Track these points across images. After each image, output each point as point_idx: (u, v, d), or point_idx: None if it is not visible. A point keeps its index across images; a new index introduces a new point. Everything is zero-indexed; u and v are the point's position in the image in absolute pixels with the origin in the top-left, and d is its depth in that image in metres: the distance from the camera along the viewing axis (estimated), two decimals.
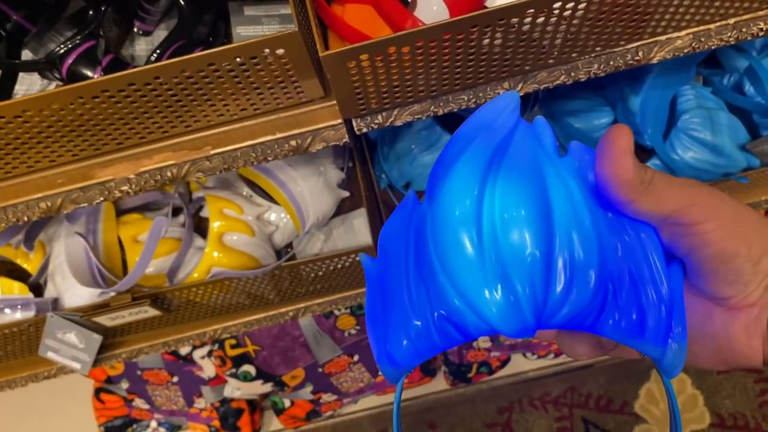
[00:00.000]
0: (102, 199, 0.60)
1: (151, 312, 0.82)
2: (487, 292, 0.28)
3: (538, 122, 0.32)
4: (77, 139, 0.56)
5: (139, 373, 1.12)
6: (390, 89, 0.53)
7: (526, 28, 0.50)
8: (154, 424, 1.26)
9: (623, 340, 0.29)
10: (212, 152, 0.58)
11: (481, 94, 0.58)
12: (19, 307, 0.86)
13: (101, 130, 0.55)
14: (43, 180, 0.59)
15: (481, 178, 0.29)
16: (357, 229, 0.92)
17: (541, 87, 0.58)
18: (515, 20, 0.48)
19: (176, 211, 0.92)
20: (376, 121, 0.58)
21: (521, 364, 1.28)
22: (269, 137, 0.58)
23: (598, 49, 0.56)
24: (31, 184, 0.59)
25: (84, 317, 0.80)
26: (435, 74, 0.53)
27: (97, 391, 1.20)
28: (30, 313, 0.85)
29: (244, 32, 0.59)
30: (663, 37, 0.57)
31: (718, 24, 0.57)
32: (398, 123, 0.59)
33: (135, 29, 0.63)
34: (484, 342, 1.13)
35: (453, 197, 0.29)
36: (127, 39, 0.65)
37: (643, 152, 0.85)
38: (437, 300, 0.29)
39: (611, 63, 0.57)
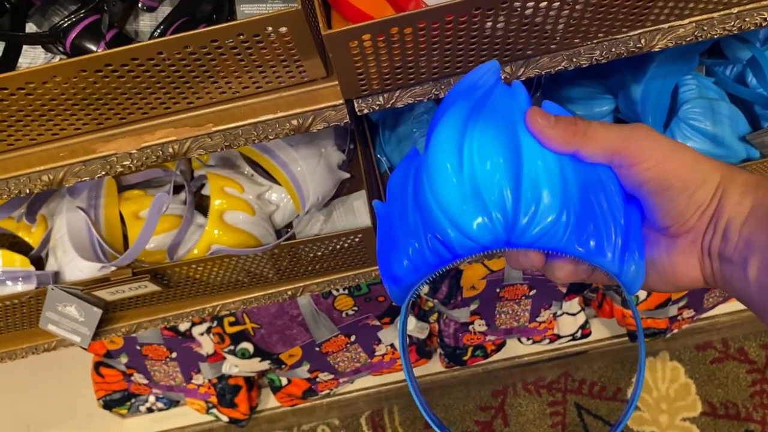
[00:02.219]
0: (104, 173, 0.60)
1: (151, 287, 0.82)
2: (466, 212, 0.34)
3: (515, 84, 0.39)
4: (80, 112, 0.56)
5: (138, 348, 1.13)
6: (392, 70, 0.54)
7: (528, 12, 0.50)
8: (152, 398, 1.28)
9: (587, 258, 0.35)
10: (214, 129, 0.59)
11: None
12: (20, 279, 0.87)
13: (104, 104, 0.55)
14: (45, 153, 0.60)
15: (462, 124, 0.36)
16: (357, 211, 0.92)
17: (543, 72, 0.58)
18: (518, 4, 0.48)
19: (178, 189, 0.93)
20: (378, 103, 0.58)
21: (516, 348, 1.30)
22: (270, 116, 0.58)
23: (600, 35, 0.56)
24: (33, 157, 0.60)
25: (84, 291, 0.81)
26: (437, 56, 0.53)
27: (97, 365, 1.21)
28: (31, 286, 0.85)
29: (248, 10, 0.59)
30: (666, 25, 0.57)
31: (721, 13, 0.57)
32: (399, 105, 0.59)
33: (139, 5, 0.62)
34: (480, 326, 1.14)
35: (440, 140, 0.36)
36: (131, 14, 0.65)
37: None
38: (429, 224, 0.35)
39: (613, 50, 0.57)
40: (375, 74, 0.54)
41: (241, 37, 0.49)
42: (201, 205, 0.93)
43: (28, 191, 0.61)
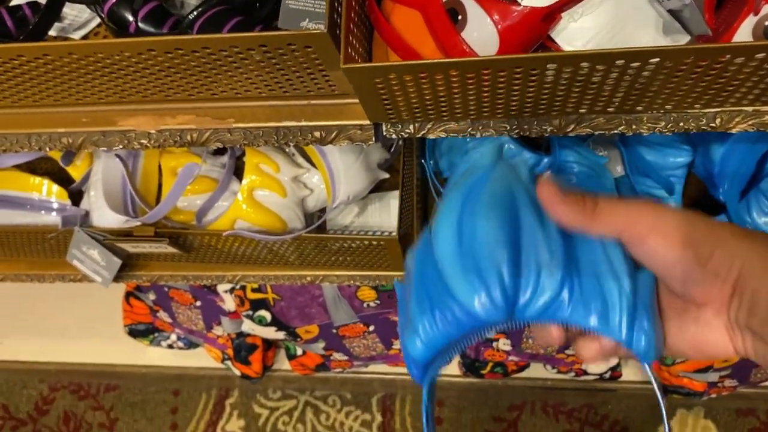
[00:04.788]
0: (121, 147, 0.59)
1: (170, 249, 0.82)
2: (467, 290, 0.35)
3: (517, 161, 0.42)
4: (107, 83, 0.54)
5: (165, 289, 1.16)
6: (422, 106, 0.49)
7: (583, 72, 0.44)
8: (174, 336, 1.31)
9: (594, 329, 0.35)
10: (234, 125, 0.56)
11: (526, 126, 0.52)
12: (54, 211, 0.89)
13: (131, 79, 0.53)
14: (68, 115, 0.59)
15: (461, 206, 0.37)
16: (393, 210, 0.88)
17: (596, 132, 0.52)
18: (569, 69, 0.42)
19: (222, 150, 0.92)
20: (407, 131, 0.54)
21: (540, 371, 1.24)
22: (293, 123, 0.55)
23: (668, 107, 0.49)
24: (56, 117, 0.59)
25: (106, 240, 0.81)
26: (474, 101, 0.48)
27: (128, 295, 1.25)
28: (65, 215, 0.87)
29: (293, 5, 0.55)
30: (749, 108, 0.49)
31: None
32: (431, 137, 0.54)
33: None
34: (504, 345, 1.09)
35: (443, 223, 0.37)
36: None
37: (712, 206, 0.76)
38: (437, 302, 0.36)
39: (681, 124, 0.50)
40: (404, 107, 0.49)
41: (264, 48, 0.45)
42: (241, 171, 0.91)
43: (48, 149, 0.60)
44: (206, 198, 0.86)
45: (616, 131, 0.52)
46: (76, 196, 0.91)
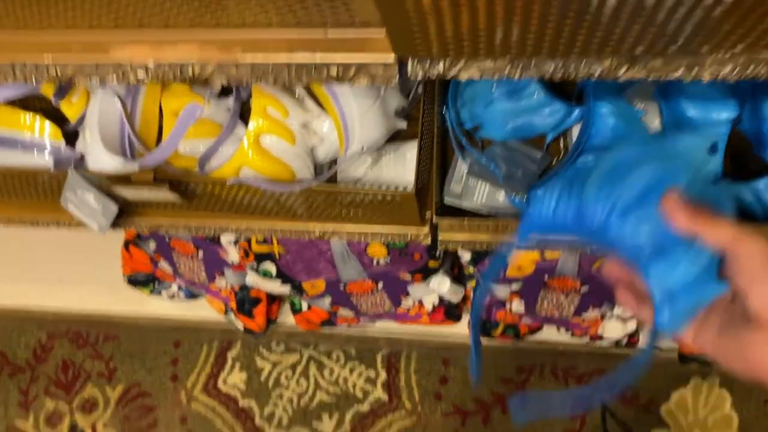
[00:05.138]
0: (115, 79, 0.53)
1: (170, 196, 0.77)
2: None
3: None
4: (97, 4, 0.48)
5: (166, 239, 1.11)
6: (456, 37, 0.43)
7: (650, 2, 0.37)
8: (175, 287, 1.27)
9: (647, 285, 0.42)
10: (241, 60, 0.50)
11: (572, 67, 0.46)
12: (47, 152, 0.83)
13: (125, 2, 0.47)
14: (57, 41, 0.52)
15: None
16: (408, 162, 0.82)
17: (650, 77, 0.46)
18: None
19: (228, 90, 0.86)
20: (437, 69, 0.47)
21: (553, 334, 1.20)
22: (308, 57, 0.49)
23: (738, 48, 0.42)
24: (43, 43, 0.53)
25: (102, 184, 0.76)
26: (518, 32, 0.42)
27: (127, 243, 1.20)
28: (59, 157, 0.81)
29: None
30: None
31: None
32: (463, 77, 0.48)
33: None
34: (517, 306, 1.05)
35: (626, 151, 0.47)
36: None
37: (758, 168, 0.70)
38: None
39: (751, 68, 0.44)
40: (435, 38, 0.43)
41: None
42: (247, 115, 0.85)
43: (34, 81, 0.54)
44: (209, 143, 0.80)
45: (674, 75, 0.45)
46: (72, 138, 0.85)
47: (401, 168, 0.83)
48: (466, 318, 1.19)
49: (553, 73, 0.47)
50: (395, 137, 0.81)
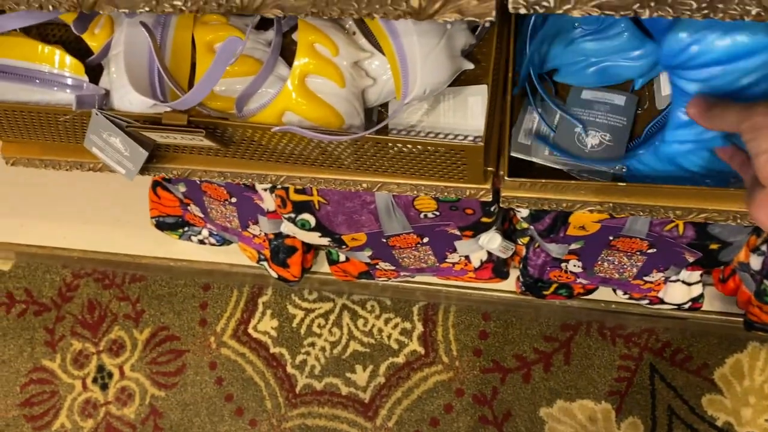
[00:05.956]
0: (147, 8, 0.44)
1: (206, 143, 0.69)
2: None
3: None
4: None
5: (198, 182, 1.03)
6: None
7: None
8: (205, 232, 1.21)
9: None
10: None
11: (720, 5, 0.36)
12: (69, 88, 0.75)
13: None
14: None
15: None
16: (470, 108, 0.73)
17: None
18: None
19: (267, 23, 0.76)
20: (545, 3, 0.38)
21: (607, 294, 1.13)
22: None
23: None
24: None
25: (129, 127, 0.68)
26: None
27: (155, 185, 1.13)
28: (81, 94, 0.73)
29: None
30: None
31: None
32: (576, 14, 0.38)
33: None
34: (574, 266, 0.97)
35: None
36: None
37: None
38: None
39: None
40: None
41: None
42: (290, 50, 0.75)
43: (51, 8, 0.46)
44: (248, 82, 0.71)
45: None
46: (96, 72, 0.77)
47: (461, 115, 0.74)
48: (514, 274, 1.12)
49: (695, 11, 0.37)
50: (456, 80, 0.72)
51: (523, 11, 0.39)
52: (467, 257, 1.02)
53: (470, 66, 0.68)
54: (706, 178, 0.63)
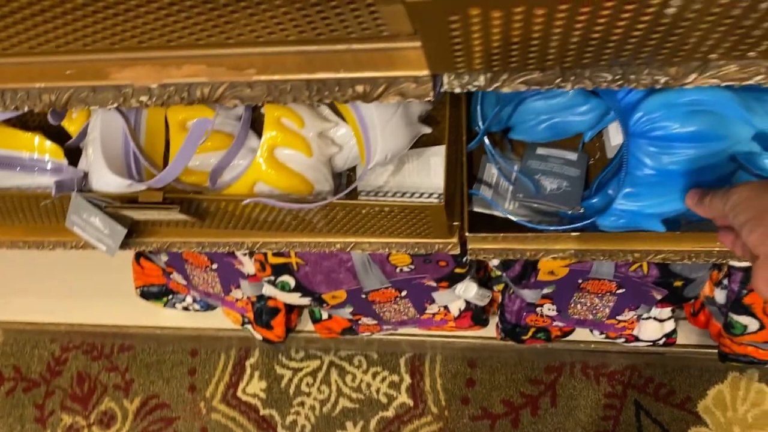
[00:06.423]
0: (115, 105, 0.47)
1: (182, 217, 0.72)
2: None
3: None
4: (95, 24, 0.42)
5: (179, 251, 1.06)
6: (504, 51, 0.37)
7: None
8: (189, 299, 1.23)
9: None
10: (255, 78, 0.44)
11: (632, 77, 0.40)
12: (49, 171, 0.79)
13: (125, 20, 0.41)
14: (48, 66, 0.47)
15: None
16: (432, 168, 0.77)
17: (723, 83, 0.40)
18: None
19: None
20: (476, 83, 0.42)
21: (584, 335, 1.15)
22: (330, 74, 0.43)
23: None
24: (34, 68, 0.48)
25: (108, 207, 0.71)
26: (576, 41, 0.36)
27: (138, 255, 1.16)
28: (60, 178, 0.76)
29: None
30: None
31: None
32: (506, 90, 0.42)
33: None
34: (549, 310, 1.00)
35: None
36: None
37: None
38: None
39: None
40: (479, 53, 0.37)
41: None
42: (261, 121, 0.79)
43: (26, 108, 0.49)
44: (220, 156, 0.75)
45: (750, 81, 0.40)
46: (74, 153, 0.80)
47: (425, 174, 0.78)
48: (493, 321, 1.14)
49: (611, 82, 0.41)
50: (417, 142, 0.76)
51: (458, 91, 0.43)
52: (446, 307, 1.05)
53: (428, 130, 0.72)
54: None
